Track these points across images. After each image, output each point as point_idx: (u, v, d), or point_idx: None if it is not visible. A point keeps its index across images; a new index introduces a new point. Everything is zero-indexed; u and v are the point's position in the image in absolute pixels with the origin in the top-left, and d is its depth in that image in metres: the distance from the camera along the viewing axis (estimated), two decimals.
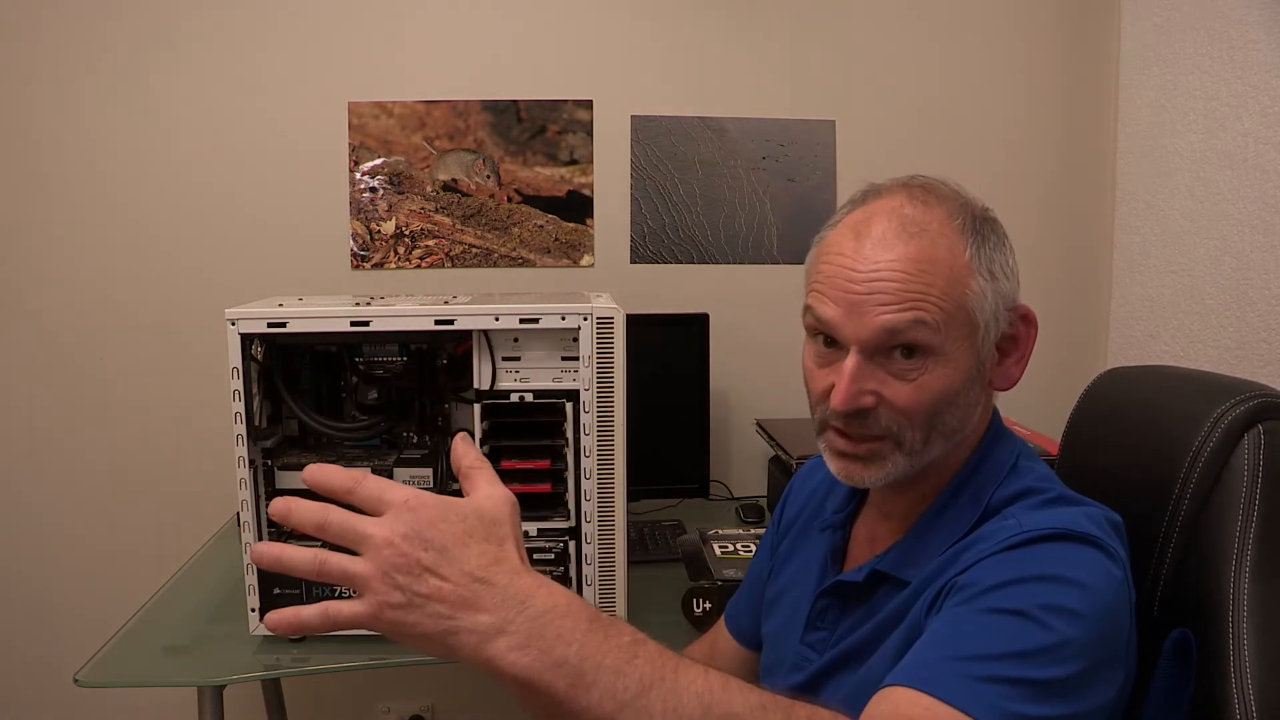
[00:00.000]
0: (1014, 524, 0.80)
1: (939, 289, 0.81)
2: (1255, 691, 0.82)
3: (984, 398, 0.88)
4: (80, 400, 2.03)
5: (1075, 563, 0.76)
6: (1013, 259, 0.87)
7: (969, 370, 0.84)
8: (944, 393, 0.83)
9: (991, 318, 0.85)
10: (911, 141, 2.10)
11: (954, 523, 0.86)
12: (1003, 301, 0.85)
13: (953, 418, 0.85)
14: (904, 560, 0.88)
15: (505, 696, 0.63)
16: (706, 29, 2.06)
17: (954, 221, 0.85)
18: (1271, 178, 1.68)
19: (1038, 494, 0.85)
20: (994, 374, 0.88)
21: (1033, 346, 0.89)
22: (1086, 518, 0.81)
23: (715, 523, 1.79)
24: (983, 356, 0.86)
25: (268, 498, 1.42)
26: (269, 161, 2.01)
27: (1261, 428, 0.89)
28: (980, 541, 0.81)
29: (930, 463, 0.87)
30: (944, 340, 0.82)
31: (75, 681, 1.29)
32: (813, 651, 0.94)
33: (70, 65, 1.96)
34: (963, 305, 0.83)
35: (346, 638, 1.41)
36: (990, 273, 0.84)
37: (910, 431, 0.84)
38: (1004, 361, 0.88)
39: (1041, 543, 0.77)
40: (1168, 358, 1.93)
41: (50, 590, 2.06)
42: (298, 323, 1.33)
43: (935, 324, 0.81)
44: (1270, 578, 0.86)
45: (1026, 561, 0.76)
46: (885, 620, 0.87)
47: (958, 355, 0.83)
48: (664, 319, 1.93)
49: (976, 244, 0.84)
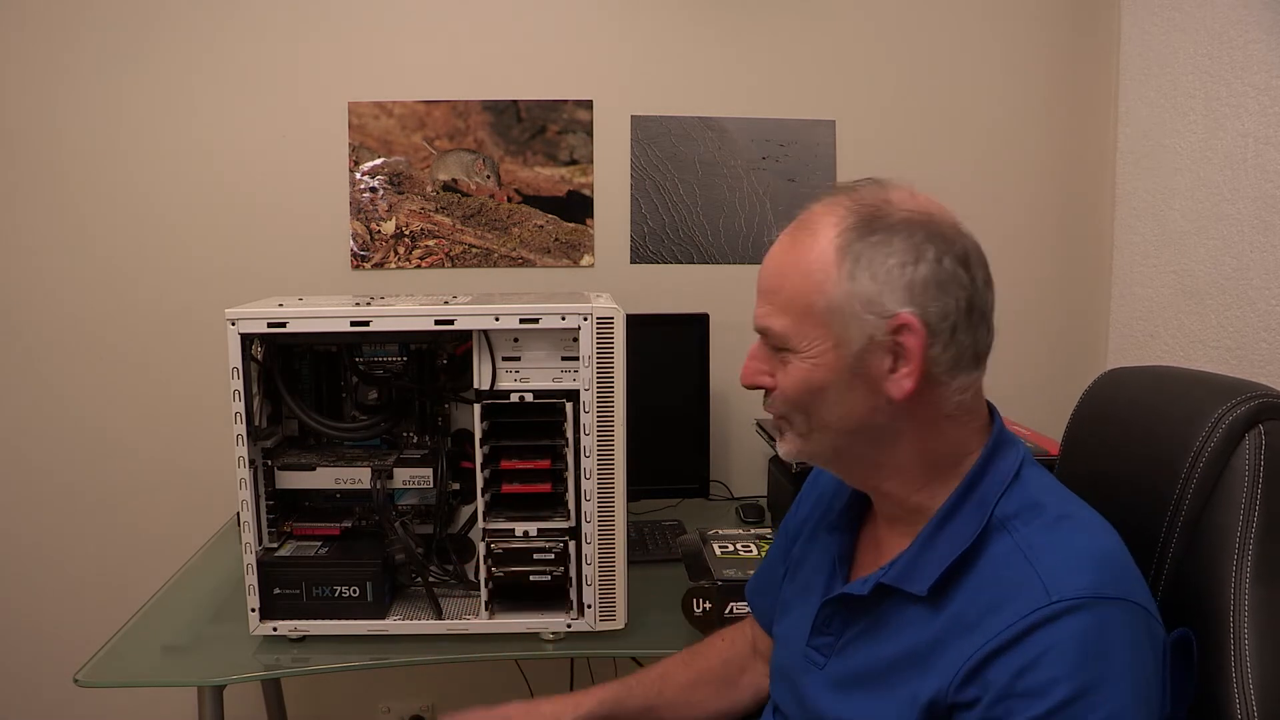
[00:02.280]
0: (1032, 576, 0.79)
1: (789, 292, 0.87)
2: (1256, 691, 0.82)
3: (883, 401, 0.86)
4: (80, 400, 2.03)
5: (1112, 651, 0.76)
6: (906, 269, 0.84)
7: (832, 367, 0.86)
8: (806, 385, 0.87)
9: (851, 318, 0.84)
10: (911, 141, 2.10)
11: (956, 536, 0.86)
12: (866, 306, 0.84)
13: (826, 411, 0.88)
14: (908, 573, 0.88)
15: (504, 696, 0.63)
16: (707, 29, 2.06)
17: (838, 220, 0.86)
18: (1271, 178, 1.68)
19: (1042, 508, 0.85)
20: (887, 380, 0.85)
21: (921, 356, 0.84)
22: (1102, 553, 0.81)
23: (715, 523, 1.79)
24: (850, 359, 0.85)
25: (268, 497, 1.42)
26: (269, 161, 2.01)
27: (1262, 428, 0.89)
28: (997, 588, 0.81)
29: (871, 461, 0.90)
30: (797, 338, 0.87)
31: (75, 681, 1.30)
32: (819, 655, 0.95)
33: (70, 65, 1.96)
34: (811, 306, 0.86)
35: (346, 638, 1.41)
36: (851, 274, 0.84)
37: (794, 415, 0.90)
38: (898, 369, 0.85)
39: (1073, 623, 0.77)
40: (1168, 358, 1.93)
41: (50, 590, 2.06)
42: (298, 323, 1.33)
43: (783, 327, 0.88)
44: (1271, 578, 0.86)
45: (1064, 675, 0.75)
46: (893, 637, 0.87)
47: (814, 352, 0.86)
48: (664, 319, 1.93)
49: (846, 245, 0.85)
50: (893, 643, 0.87)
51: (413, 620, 1.42)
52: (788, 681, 0.99)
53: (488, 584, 1.40)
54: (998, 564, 0.83)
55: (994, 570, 0.83)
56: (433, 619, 1.42)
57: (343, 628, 1.40)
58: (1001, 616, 0.79)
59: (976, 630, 0.80)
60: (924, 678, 0.83)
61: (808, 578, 1.02)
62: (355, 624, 1.40)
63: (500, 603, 1.43)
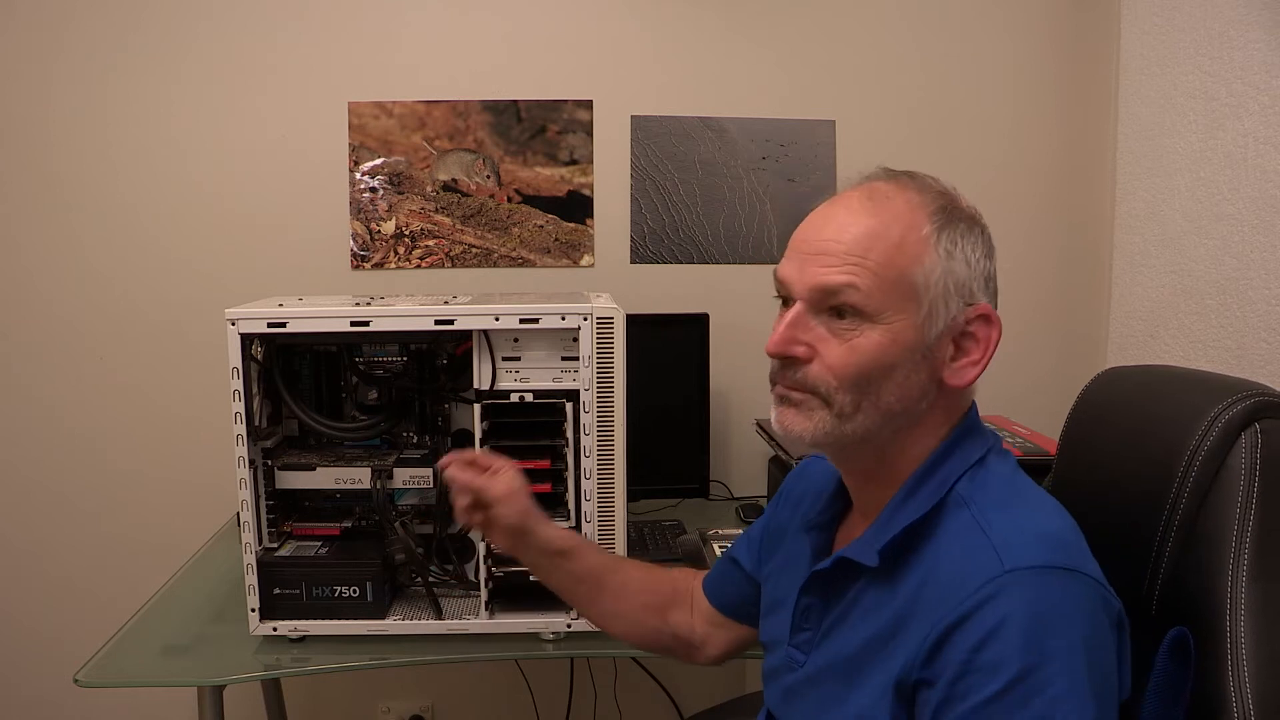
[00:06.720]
0: (987, 547, 0.80)
1: (879, 257, 0.84)
2: (1253, 689, 0.82)
3: (933, 387, 0.87)
4: (80, 400, 2.03)
5: (1067, 621, 0.76)
6: (985, 261, 0.88)
7: (909, 345, 0.85)
8: (875, 358, 0.84)
9: (940, 298, 0.85)
10: (912, 141, 2.10)
11: (914, 510, 0.87)
12: (958, 288, 0.85)
13: (887, 391, 0.85)
14: (866, 545, 0.88)
15: (504, 696, 0.63)
16: (707, 29, 2.06)
17: (922, 200, 0.87)
18: (1271, 178, 1.68)
19: (999, 491, 0.86)
20: (946, 368, 0.87)
21: (993, 349, 0.87)
22: (1056, 530, 0.82)
23: (715, 523, 1.79)
24: (929, 339, 0.85)
25: (268, 497, 1.42)
26: (269, 161, 2.02)
27: (1258, 426, 0.89)
28: (953, 562, 0.81)
29: (886, 449, 0.89)
30: (879, 307, 0.84)
31: (75, 681, 1.30)
32: (800, 653, 0.95)
33: (69, 64, 1.96)
34: (906, 276, 0.84)
35: (346, 638, 1.41)
36: (949, 253, 0.85)
37: (840, 394, 0.85)
38: (960, 359, 0.87)
39: (1027, 591, 0.77)
40: (1168, 358, 1.93)
41: (50, 590, 2.07)
42: (298, 323, 1.34)
43: (868, 289, 0.84)
44: (1268, 576, 0.86)
45: (1019, 649, 0.75)
46: (861, 621, 0.88)
47: (896, 325, 0.84)
48: (664, 319, 1.93)
49: (941, 225, 0.86)
50: (861, 628, 0.88)
51: (413, 620, 1.42)
52: (778, 684, 0.99)
53: (488, 584, 1.40)
54: (953, 537, 0.84)
55: (950, 543, 0.83)
56: (433, 619, 1.42)
57: (343, 628, 1.40)
58: (958, 590, 0.79)
59: (937, 605, 0.80)
60: (891, 658, 0.83)
61: (788, 577, 1.03)
62: (355, 624, 1.40)
63: (500, 603, 1.43)
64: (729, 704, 1.68)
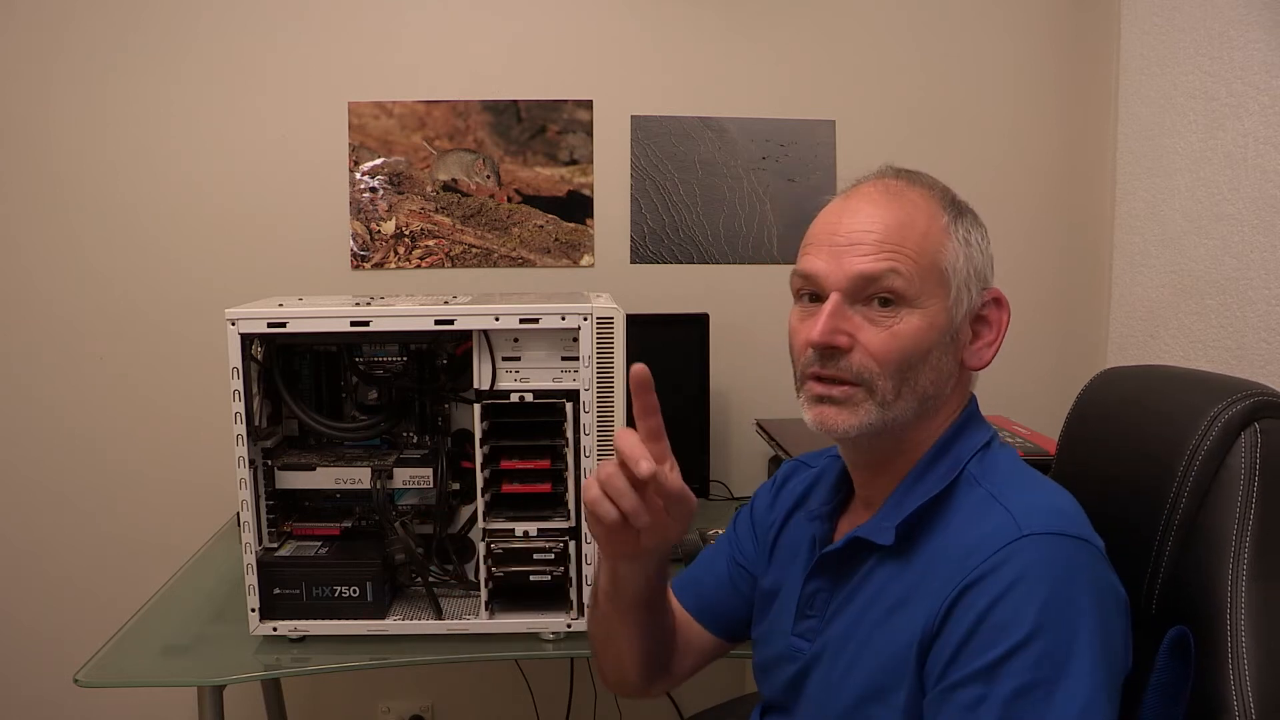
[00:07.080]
0: (1004, 514, 0.82)
1: (913, 244, 0.88)
2: (1253, 688, 0.82)
3: (957, 372, 0.92)
4: (80, 400, 2.03)
5: (1079, 585, 0.78)
6: (988, 245, 0.93)
7: (942, 328, 0.89)
8: (916, 343, 0.88)
9: (964, 283, 0.90)
10: (911, 141, 2.10)
11: (928, 487, 0.89)
12: (976, 274, 0.91)
13: (924, 376, 0.89)
14: (879, 525, 0.90)
15: (504, 696, 0.63)
16: (707, 29, 2.06)
17: (933, 194, 0.93)
18: (1271, 178, 1.68)
19: (1007, 473, 0.89)
20: (967, 350, 0.92)
21: (1005, 329, 0.93)
22: (1066, 505, 0.85)
23: (715, 523, 1.79)
24: (956, 322, 0.90)
25: (268, 497, 1.42)
26: (269, 161, 2.02)
27: (1258, 426, 0.89)
28: (970, 530, 0.84)
29: (906, 436, 0.91)
30: (917, 292, 0.88)
31: (75, 681, 1.30)
32: (804, 641, 0.95)
33: (69, 64, 1.96)
34: (936, 263, 0.89)
35: (346, 638, 1.41)
36: (966, 240, 0.91)
37: (882, 380, 0.88)
38: (977, 341, 0.92)
39: (1042, 551, 0.79)
40: (1168, 358, 1.93)
41: (50, 590, 2.07)
42: (298, 323, 1.33)
43: (909, 275, 0.87)
44: (1267, 575, 0.86)
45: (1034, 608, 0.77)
46: (875, 597, 0.88)
47: (931, 310, 0.88)
48: (664, 319, 1.93)
49: (953, 215, 0.92)
50: (876, 602, 0.88)
51: (413, 620, 1.42)
52: (779, 675, 0.99)
53: (488, 584, 1.40)
54: (969, 511, 0.86)
55: (965, 516, 0.86)
56: (433, 619, 1.42)
57: (343, 628, 1.40)
58: (976, 554, 0.81)
59: (955, 569, 0.81)
60: (912, 622, 0.84)
61: (786, 571, 1.03)
62: (355, 624, 1.40)
63: (500, 603, 1.43)
64: (729, 704, 1.68)
